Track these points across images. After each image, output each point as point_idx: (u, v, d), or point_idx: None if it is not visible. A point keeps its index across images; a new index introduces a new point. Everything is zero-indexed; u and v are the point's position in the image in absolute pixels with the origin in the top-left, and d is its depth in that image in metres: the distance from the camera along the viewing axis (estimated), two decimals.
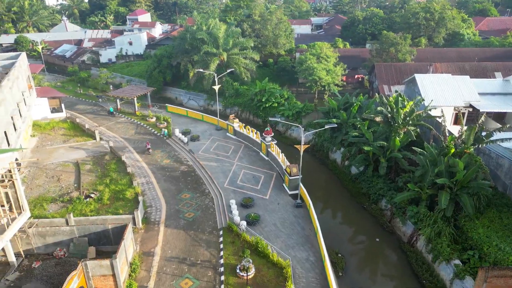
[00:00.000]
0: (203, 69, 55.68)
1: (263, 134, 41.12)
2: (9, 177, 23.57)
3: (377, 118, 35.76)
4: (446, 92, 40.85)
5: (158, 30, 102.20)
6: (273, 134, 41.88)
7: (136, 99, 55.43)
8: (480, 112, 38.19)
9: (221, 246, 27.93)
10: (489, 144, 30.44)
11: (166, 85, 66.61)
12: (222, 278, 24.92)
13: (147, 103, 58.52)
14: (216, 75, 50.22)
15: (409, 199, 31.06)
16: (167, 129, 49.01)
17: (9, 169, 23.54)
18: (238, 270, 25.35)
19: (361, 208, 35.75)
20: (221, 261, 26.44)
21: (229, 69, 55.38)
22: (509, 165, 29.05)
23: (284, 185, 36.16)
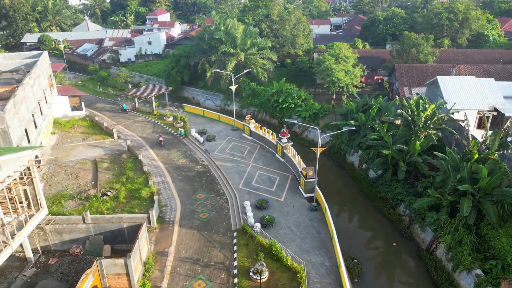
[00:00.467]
0: (220, 69, 55.70)
1: (279, 135, 40.73)
2: (28, 175, 23.96)
3: (397, 121, 34.94)
4: (470, 95, 39.57)
5: (177, 30, 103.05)
6: (289, 136, 41.43)
7: (154, 99, 55.92)
8: (506, 116, 36.86)
9: (235, 248, 27.73)
10: None
11: (184, 85, 66.98)
12: (235, 281, 24.70)
13: (165, 103, 58.95)
14: (233, 75, 50.12)
15: (429, 205, 30.13)
16: (184, 129, 49.22)
17: (28, 167, 23.90)
18: (252, 273, 25.08)
19: (379, 213, 34.95)
20: (235, 263, 26.23)
21: (246, 69, 55.22)
22: None
23: (300, 188, 35.69)
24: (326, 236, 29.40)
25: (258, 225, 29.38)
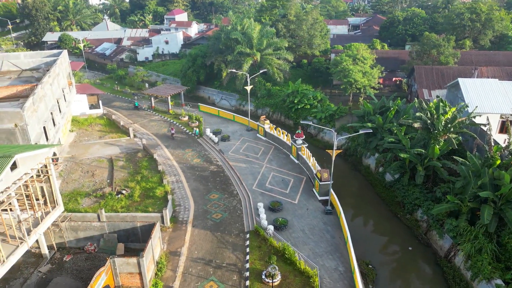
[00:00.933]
0: (236, 69, 55.59)
1: (294, 137, 40.29)
2: (45, 172, 24.30)
3: (415, 124, 34.10)
4: (492, 99, 38.36)
5: (194, 30, 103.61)
6: (304, 137, 40.95)
7: (170, 98, 56.24)
8: None
9: (247, 250, 27.50)
10: None
11: (199, 85, 67.21)
12: (247, 283, 24.47)
13: (180, 102, 59.24)
14: (249, 75, 49.92)
15: (448, 212, 29.25)
16: (199, 128, 49.31)
17: (45, 164, 24.24)
18: (264, 276, 24.82)
19: (395, 218, 34.18)
20: (247, 266, 26.01)
21: (262, 70, 54.94)
22: None
23: (314, 190, 35.22)
24: (341, 240, 28.87)
25: (271, 228, 29.08)
